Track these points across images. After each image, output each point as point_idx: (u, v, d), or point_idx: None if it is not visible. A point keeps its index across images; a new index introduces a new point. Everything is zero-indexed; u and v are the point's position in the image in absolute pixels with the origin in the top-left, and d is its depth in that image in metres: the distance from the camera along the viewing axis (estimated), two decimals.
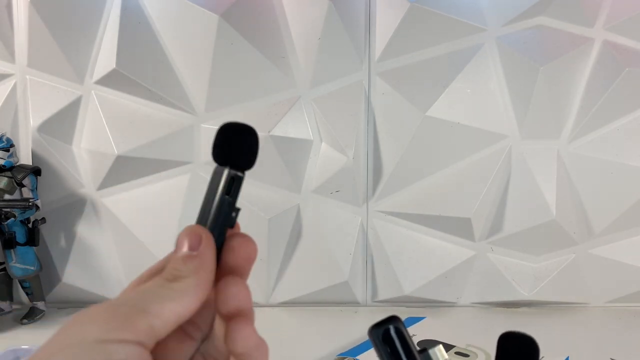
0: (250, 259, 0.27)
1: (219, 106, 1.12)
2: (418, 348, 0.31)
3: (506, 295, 1.15)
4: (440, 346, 0.31)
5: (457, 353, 0.82)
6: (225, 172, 0.26)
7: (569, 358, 0.81)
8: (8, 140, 1.07)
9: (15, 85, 1.12)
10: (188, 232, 0.25)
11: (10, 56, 1.11)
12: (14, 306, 1.15)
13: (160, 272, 0.25)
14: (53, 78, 1.11)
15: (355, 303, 1.18)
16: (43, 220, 1.10)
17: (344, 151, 1.12)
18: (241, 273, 0.27)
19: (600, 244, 1.15)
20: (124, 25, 1.08)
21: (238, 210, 0.27)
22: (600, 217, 1.13)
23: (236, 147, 0.28)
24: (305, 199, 1.15)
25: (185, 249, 0.25)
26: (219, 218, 0.26)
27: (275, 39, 1.11)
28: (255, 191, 1.13)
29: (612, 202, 1.12)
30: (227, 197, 0.26)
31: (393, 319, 0.31)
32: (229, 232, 0.26)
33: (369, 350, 0.84)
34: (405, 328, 0.31)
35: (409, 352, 0.30)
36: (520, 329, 0.33)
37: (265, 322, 0.34)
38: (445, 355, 0.31)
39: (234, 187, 0.26)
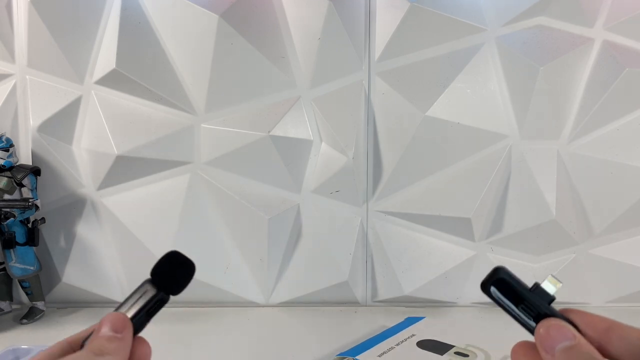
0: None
1: (219, 106, 1.12)
2: (529, 287, 0.31)
3: None
4: (550, 276, 0.31)
5: (457, 353, 0.82)
6: (159, 294, 0.32)
7: None
8: (8, 140, 1.07)
9: (15, 85, 1.12)
10: (115, 318, 0.31)
11: (10, 56, 1.11)
12: (14, 306, 1.15)
13: (70, 351, 0.30)
14: (53, 78, 1.11)
15: (355, 303, 1.18)
16: (43, 220, 1.10)
17: (344, 151, 1.12)
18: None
19: (600, 244, 1.15)
20: (124, 25, 1.08)
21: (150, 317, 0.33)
22: (600, 217, 1.13)
23: (177, 279, 0.33)
24: (305, 199, 1.15)
25: (108, 330, 0.30)
26: (141, 317, 0.32)
27: (275, 39, 1.11)
28: (255, 191, 1.13)
29: (612, 202, 1.12)
30: (151, 308, 0.32)
31: (495, 272, 0.31)
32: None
33: (369, 350, 0.84)
34: (508, 274, 0.31)
35: (521, 298, 0.31)
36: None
37: (265, 322, 0.34)
38: (559, 281, 0.31)
39: (159, 305, 0.32)
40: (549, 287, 0.31)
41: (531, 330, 0.30)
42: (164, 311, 0.33)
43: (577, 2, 1.08)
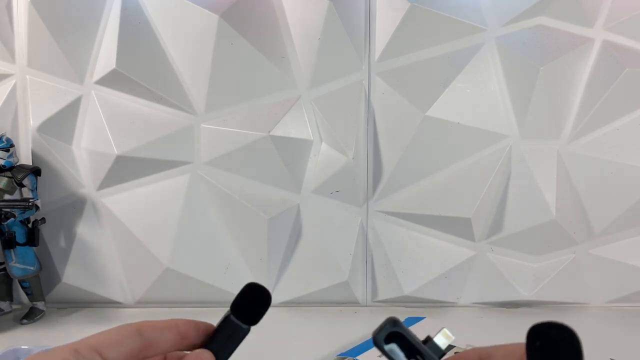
0: None
1: (219, 106, 1.12)
2: (421, 340, 0.31)
3: (506, 295, 1.15)
4: (444, 330, 0.31)
5: (457, 353, 0.82)
6: (246, 328, 0.32)
7: None
8: (8, 140, 1.07)
9: (15, 85, 1.12)
10: (203, 358, 0.29)
11: (10, 56, 1.11)
12: (14, 306, 1.15)
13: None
14: (53, 78, 1.11)
15: (355, 303, 1.18)
16: (43, 220, 1.10)
17: (344, 151, 1.12)
18: None
19: (600, 244, 1.15)
20: (124, 25, 1.08)
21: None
22: (600, 217, 1.13)
23: (257, 311, 0.33)
24: (305, 199, 1.15)
25: None
26: (229, 353, 0.32)
27: (275, 39, 1.11)
28: (255, 191, 1.13)
29: (612, 202, 1.12)
30: (237, 342, 0.32)
31: (387, 325, 0.31)
32: None
33: (369, 350, 0.84)
34: (402, 327, 0.30)
35: (413, 351, 0.30)
36: (520, 329, 0.33)
37: (265, 322, 0.34)
38: (451, 336, 0.31)
39: (243, 337, 0.33)
40: (441, 340, 0.31)
41: None
42: (164, 311, 0.33)
43: (577, 2, 1.08)
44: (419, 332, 0.30)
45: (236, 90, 1.12)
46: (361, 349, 0.86)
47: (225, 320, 0.32)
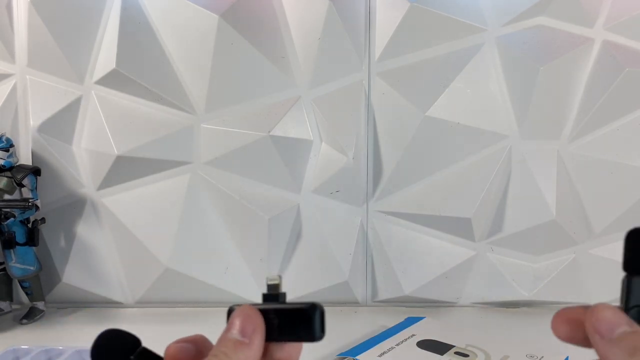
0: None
1: (219, 106, 1.12)
2: None
3: (506, 295, 1.15)
4: None
5: (457, 353, 0.82)
6: None
7: (569, 358, 0.81)
8: (8, 140, 1.07)
9: (15, 85, 1.12)
10: (244, 315, 0.26)
11: (10, 56, 1.11)
12: (14, 306, 1.15)
13: (199, 346, 0.27)
14: (53, 78, 1.11)
15: (355, 303, 1.18)
16: (43, 220, 1.10)
17: (344, 151, 1.12)
18: None
19: (600, 244, 1.15)
20: (124, 25, 1.08)
21: None
22: (600, 217, 1.13)
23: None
24: (305, 199, 1.15)
25: (236, 332, 0.25)
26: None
27: (275, 39, 1.11)
28: (255, 191, 1.13)
29: (612, 202, 1.12)
30: None
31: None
32: None
33: (369, 350, 0.84)
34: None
35: None
36: (520, 329, 0.33)
37: None
38: None
39: None
40: None
41: None
42: (164, 311, 0.32)
43: (577, 2, 1.08)
44: (419, 331, 0.30)
45: (236, 90, 1.12)
46: (361, 348, 0.86)
47: None
